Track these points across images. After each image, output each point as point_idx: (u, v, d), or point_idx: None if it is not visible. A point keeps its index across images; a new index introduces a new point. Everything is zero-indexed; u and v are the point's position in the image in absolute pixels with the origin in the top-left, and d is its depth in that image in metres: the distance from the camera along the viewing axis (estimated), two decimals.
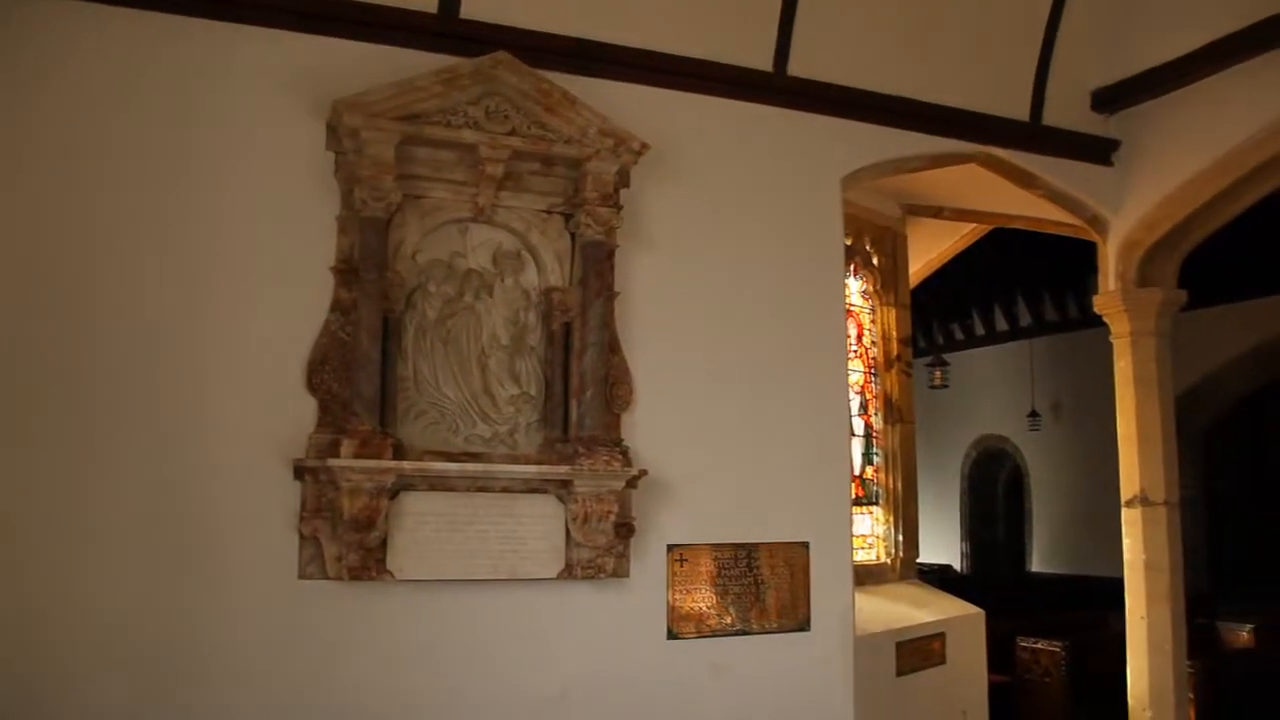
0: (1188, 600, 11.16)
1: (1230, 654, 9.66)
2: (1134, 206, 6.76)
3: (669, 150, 5.25)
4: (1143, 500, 6.85)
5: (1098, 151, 6.75)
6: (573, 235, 4.96)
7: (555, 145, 4.80)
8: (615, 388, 4.98)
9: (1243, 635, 10.04)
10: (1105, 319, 7.07)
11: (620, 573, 4.93)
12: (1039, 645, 9.15)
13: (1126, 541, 6.94)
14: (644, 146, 4.94)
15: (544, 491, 4.77)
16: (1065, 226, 7.31)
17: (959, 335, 19.32)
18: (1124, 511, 6.95)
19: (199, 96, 4.54)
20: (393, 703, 4.57)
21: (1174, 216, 6.61)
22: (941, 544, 19.79)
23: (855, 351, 7.40)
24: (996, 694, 8.78)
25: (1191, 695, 7.58)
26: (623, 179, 5.00)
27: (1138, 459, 6.88)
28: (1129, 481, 6.92)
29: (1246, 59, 6.07)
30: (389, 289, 4.59)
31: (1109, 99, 6.78)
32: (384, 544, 4.51)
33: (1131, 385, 6.91)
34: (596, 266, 4.88)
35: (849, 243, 7.21)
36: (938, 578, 13.85)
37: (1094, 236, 7.03)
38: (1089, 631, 9.40)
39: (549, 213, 4.96)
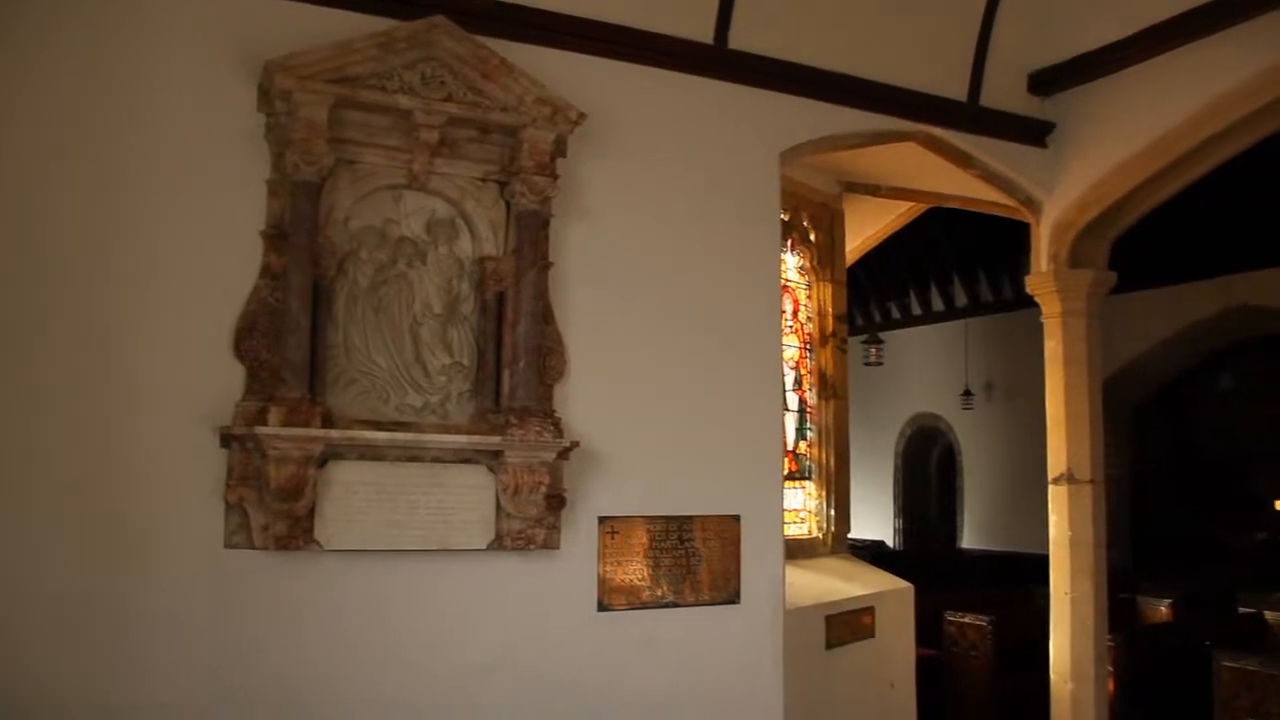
0: (1111, 576, 11.43)
1: (1149, 628, 9.90)
2: (1067, 189, 6.86)
3: (607, 121, 5.22)
4: (1069, 478, 6.98)
5: (1033, 133, 6.83)
6: (508, 204, 4.90)
7: (491, 112, 4.74)
8: (548, 358, 4.95)
9: (1161, 610, 10.30)
10: (1037, 299, 7.17)
11: (551, 544, 4.91)
12: (966, 619, 9.31)
13: (1052, 518, 7.07)
14: (581, 116, 4.90)
15: (475, 462, 4.74)
16: (1000, 207, 7.39)
17: (896, 314, 19.53)
18: (1050, 489, 7.07)
19: (126, 55, 4.40)
20: (319, 673, 4.52)
21: (1105, 199, 6.71)
22: (875, 520, 20.07)
23: (791, 327, 7.43)
24: (925, 667, 8.93)
25: (1111, 668, 7.76)
26: (559, 148, 4.95)
27: (1065, 437, 7.00)
28: (1056, 459, 7.04)
29: (1179, 45, 6.18)
30: (320, 255, 4.51)
31: (1045, 82, 6.86)
32: (312, 513, 4.45)
33: (1061, 365, 7.02)
34: (531, 236, 4.84)
35: (786, 218, 7.24)
36: (870, 553, 14.02)
37: (1027, 217, 7.13)
38: (1015, 606, 9.59)
39: (484, 181, 4.90)
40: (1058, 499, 7.04)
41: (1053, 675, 7.10)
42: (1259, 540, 17.81)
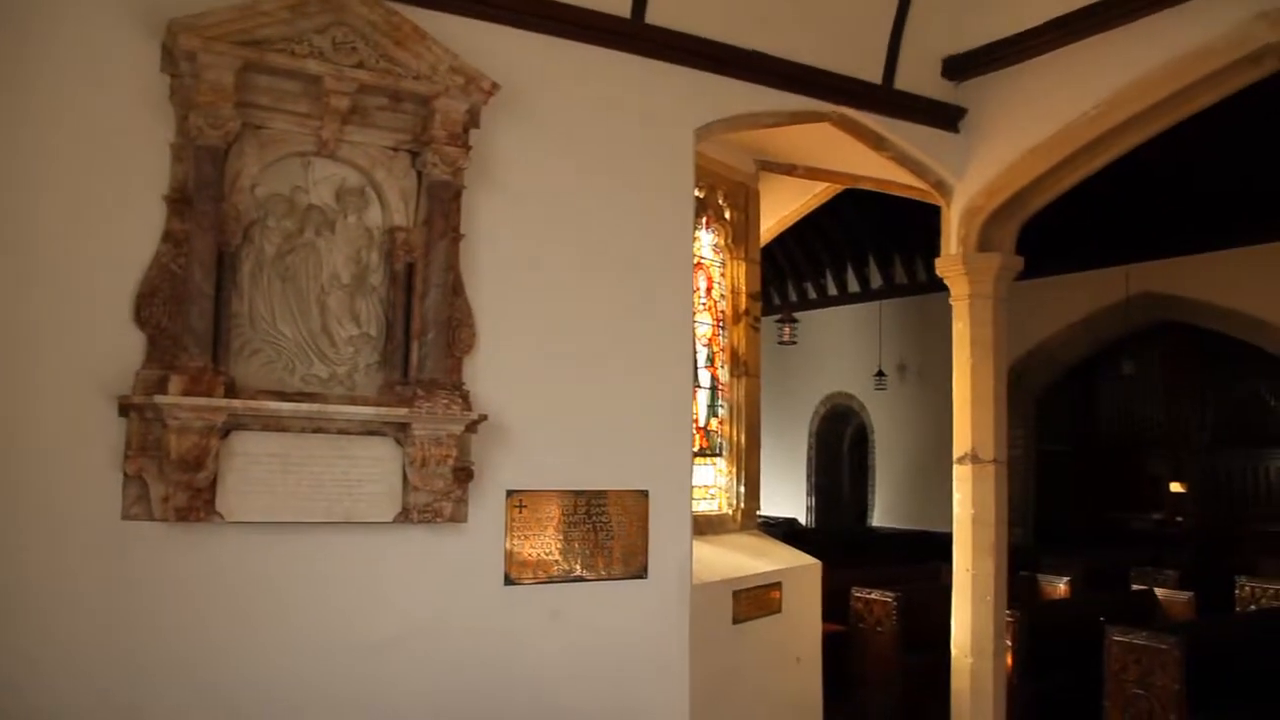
0: (1014, 554, 11.72)
1: (1047, 604, 10.18)
2: (977, 173, 6.98)
3: (522, 93, 5.19)
4: (973, 458, 7.13)
5: (945, 118, 6.93)
6: (419, 174, 4.84)
7: (404, 81, 4.68)
8: (457, 331, 4.91)
9: (1060, 587, 10.59)
10: (946, 281, 7.29)
11: (458, 518, 4.89)
12: (873, 596, 9.48)
13: (956, 497, 7.22)
14: (495, 86, 4.86)
15: (381, 434, 4.70)
16: (912, 189, 7.50)
17: (812, 294, 19.74)
18: (955, 468, 7.22)
19: (22, 11, 4.26)
20: (220, 646, 4.46)
21: (1013, 185, 6.85)
22: (789, 498, 20.31)
23: (704, 304, 7.47)
24: (832, 642, 9.08)
25: (1010, 643, 7.96)
26: (472, 119, 4.91)
27: (970, 418, 7.15)
28: (961, 439, 7.19)
29: (1086, 36, 6.31)
30: (225, 221, 4.42)
31: (958, 67, 6.96)
32: (214, 485, 4.38)
33: (968, 346, 7.16)
34: (442, 207, 4.80)
35: (701, 195, 7.26)
36: (783, 531, 14.19)
37: (938, 200, 7.24)
38: (921, 583, 9.78)
39: (395, 150, 4.84)
40: (962, 478, 7.19)
41: (954, 650, 7.27)
42: (1155, 520, 18.40)
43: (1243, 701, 7.42)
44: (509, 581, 5.10)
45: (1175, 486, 18.47)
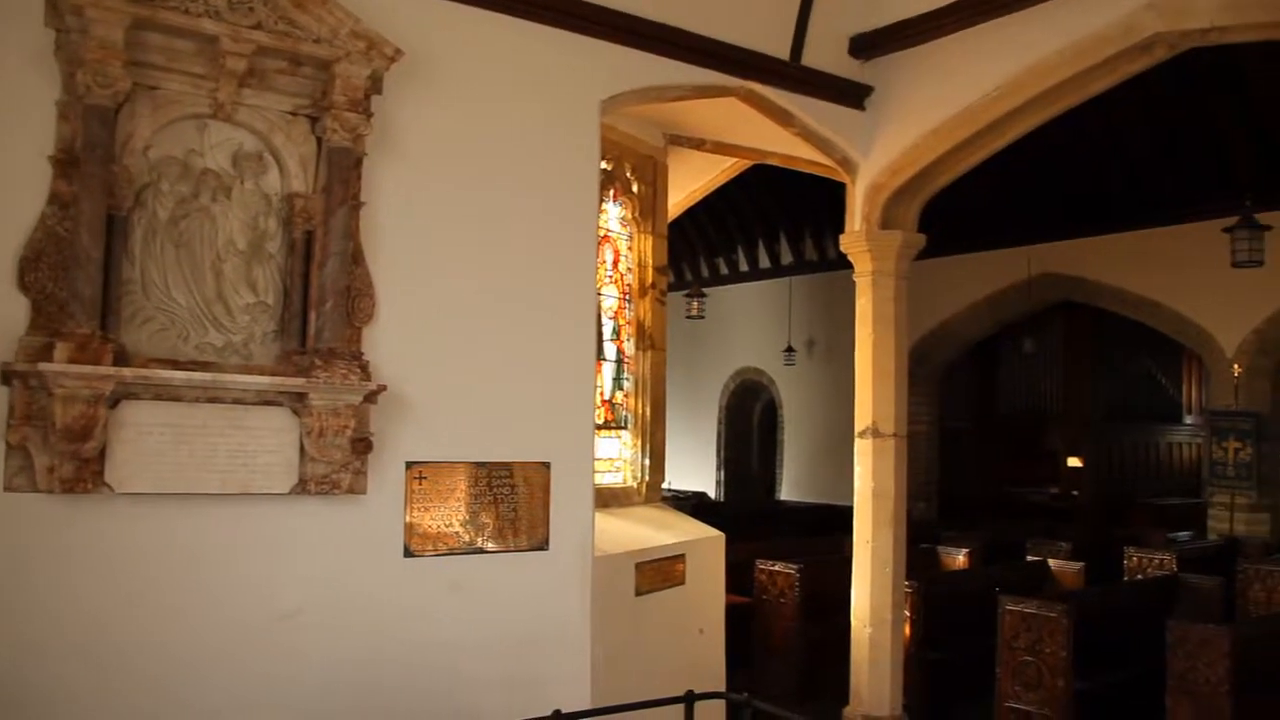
0: (916, 527, 11.97)
1: (945, 575, 10.43)
2: (881, 151, 7.07)
3: (426, 59, 5.11)
4: (874, 432, 7.25)
5: (852, 95, 7.01)
6: (319, 140, 4.75)
7: (303, 44, 4.58)
8: (357, 300, 4.84)
9: (959, 559, 10.85)
10: (850, 258, 7.40)
11: (357, 489, 4.84)
12: (776, 568, 9.61)
13: (857, 470, 7.34)
14: (398, 53, 4.78)
15: (278, 404, 4.62)
16: (819, 166, 7.57)
17: (724, 270, 19.87)
18: (856, 442, 7.34)
19: None
20: (110, 621, 4.35)
21: (917, 163, 6.95)
22: (699, 472, 20.48)
23: (611, 277, 7.47)
24: (737, 614, 9.20)
25: (908, 613, 8.15)
26: (374, 85, 4.82)
27: (871, 393, 7.27)
28: (863, 414, 7.31)
29: (990, 18, 6.42)
30: (115, 184, 4.29)
31: (865, 45, 7.04)
32: (102, 455, 4.26)
33: (870, 322, 7.27)
34: (342, 174, 4.72)
35: (609, 168, 7.24)
36: (692, 504, 14.32)
37: (844, 177, 7.32)
38: (824, 555, 9.94)
39: (294, 115, 4.73)
40: (863, 452, 7.32)
41: (853, 620, 7.42)
42: (1052, 494, 18.96)
43: (1124, 666, 7.70)
44: (409, 553, 5.06)
45: (1072, 461, 19.05)
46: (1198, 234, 12.42)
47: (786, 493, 19.23)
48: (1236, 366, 13.15)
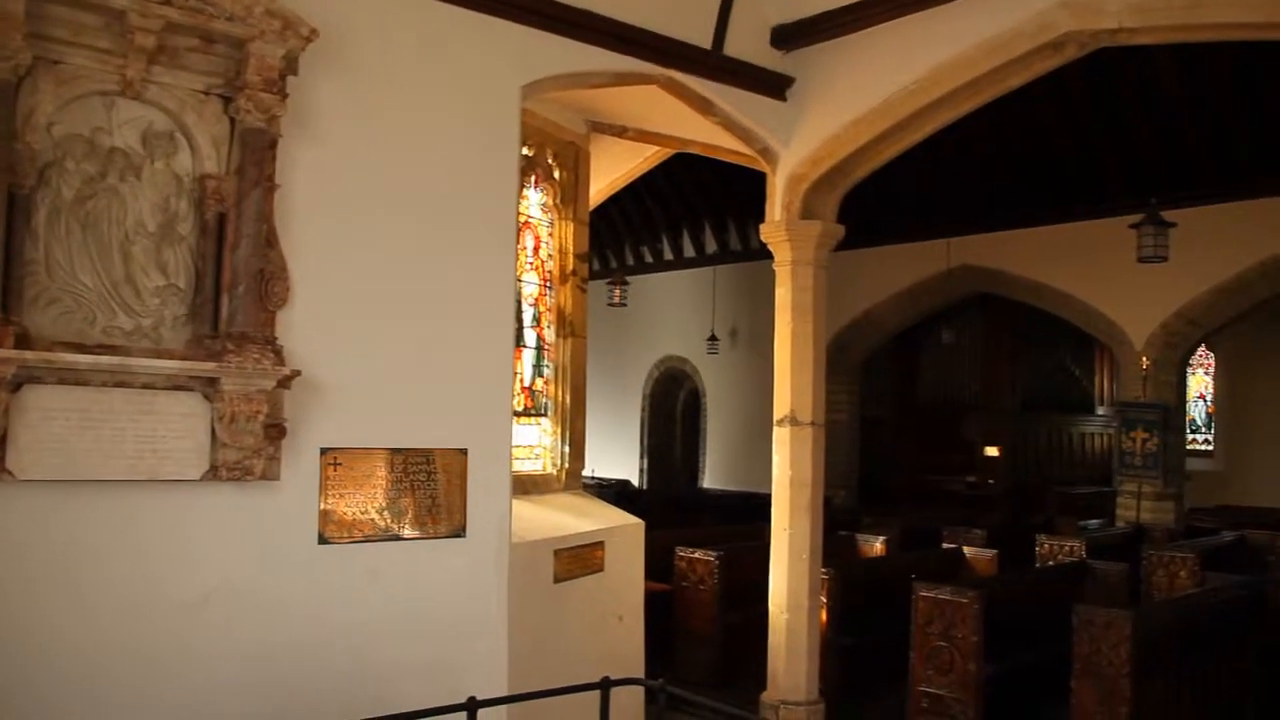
0: (836, 515, 12.12)
1: (861, 562, 10.58)
2: (802, 142, 7.14)
3: (343, 41, 5.04)
4: (792, 420, 7.33)
5: (773, 86, 7.06)
6: (232, 120, 4.66)
7: (216, 21, 4.47)
8: (271, 284, 4.75)
9: (877, 546, 11.01)
10: (770, 247, 7.46)
11: (270, 475, 4.76)
12: (696, 555, 9.68)
13: (775, 458, 7.42)
14: (314, 33, 4.70)
15: (189, 389, 4.53)
16: (740, 156, 7.62)
17: (649, 258, 19.90)
18: (775, 430, 7.41)
19: None
20: (12, 611, 4.24)
21: (837, 154, 7.03)
22: (623, 460, 20.52)
23: (531, 264, 7.44)
24: (658, 601, 9.25)
25: (824, 599, 8.25)
26: (290, 65, 4.73)
27: (790, 381, 7.35)
28: (781, 402, 7.39)
29: (911, 11, 6.51)
30: (17, 162, 4.15)
31: (787, 36, 7.09)
32: (4, 441, 4.13)
33: (789, 311, 7.34)
34: (256, 156, 4.63)
35: (530, 154, 7.21)
36: (615, 492, 14.35)
37: (765, 167, 7.38)
38: (744, 542, 10.02)
39: (207, 94, 4.63)
40: (781, 440, 7.39)
41: (771, 606, 7.50)
42: (969, 482, 19.32)
43: (1033, 650, 7.89)
44: (323, 540, 5.00)
45: (989, 450, 19.42)
46: (1109, 230, 12.72)
47: (709, 480, 19.36)
48: (1145, 359, 13.51)
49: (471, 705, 4.19)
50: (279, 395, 4.73)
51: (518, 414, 7.07)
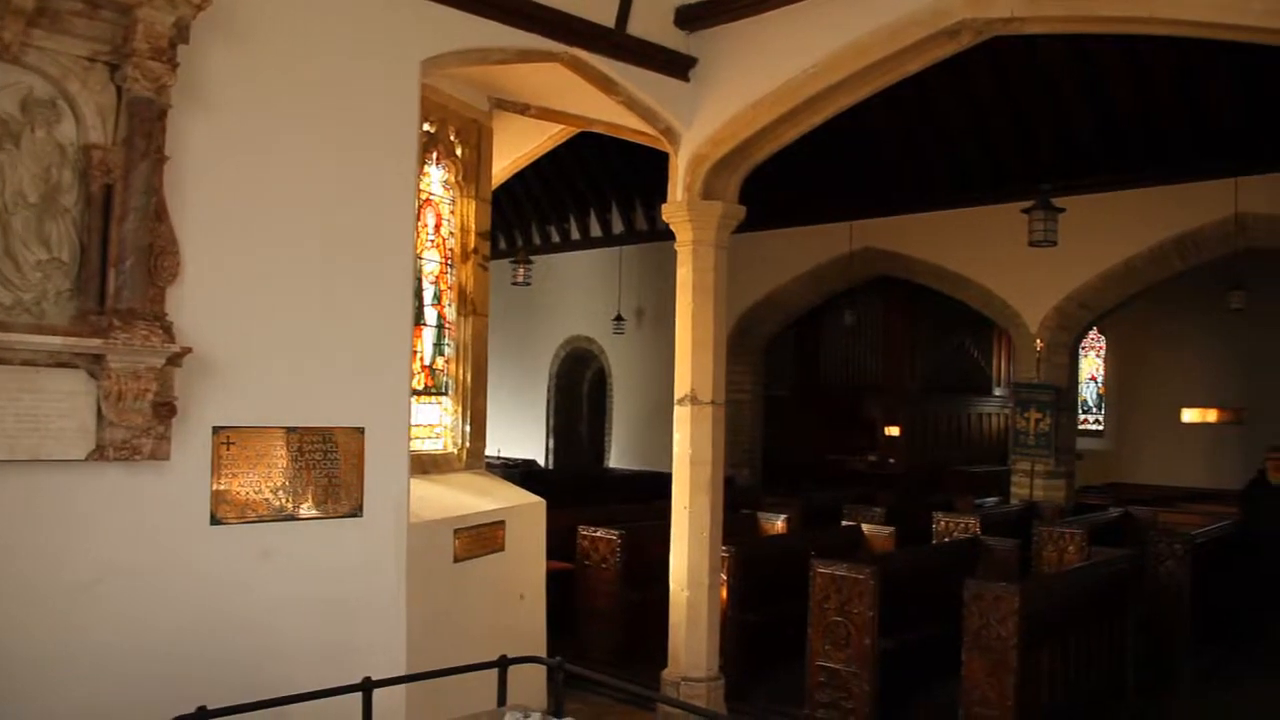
0: (739, 493, 12.24)
1: (762, 540, 10.72)
2: (703, 123, 7.18)
3: (236, 9, 4.91)
4: (693, 399, 7.39)
5: (676, 66, 7.08)
6: (119, 89, 4.51)
7: None
8: (160, 259, 4.62)
9: (778, 524, 11.15)
10: (672, 227, 7.50)
11: (159, 455, 4.65)
12: (598, 534, 9.71)
13: (676, 437, 7.48)
14: (206, 0, 4.58)
15: (73, 366, 4.39)
16: (643, 135, 7.63)
17: (556, 237, 19.84)
18: (675, 409, 7.47)
19: None
20: None
21: (737, 135, 7.09)
22: (530, 439, 20.49)
23: (433, 241, 7.36)
24: (561, 580, 9.27)
25: (725, 576, 8.35)
26: (181, 34, 4.59)
27: (690, 361, 7.41)
28: (682, 381, 7.45)
29: None
30: None
31: (690, 17, 7.13)
32: None
33: (690, 291, 7.40)
34: (145, 126, 4.49)
35: (432, 130, 7.13)
36: (521, 472, 14.31)
37: (667, 148, 7.40)
38: (647, 521, 10.08)
39: (92, 61, 4.47)
40: (681, 419, 7.46)
41: (672, 584, 7.58)
42: (871, 461, 19.67)
43: (928, 624, 8.09)
44: (215, 521, 4.91)
45: (890, 430, 19.77)
46: (1006, 215, 13.00)
47: (615, 460, 19.42)
48: (1039, 341, 13.89)
49: (367, 686, 4.15)
50: (169, 373, 4.62)
51: (418, 393, 7.01)
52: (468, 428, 7.56)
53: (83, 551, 4.55)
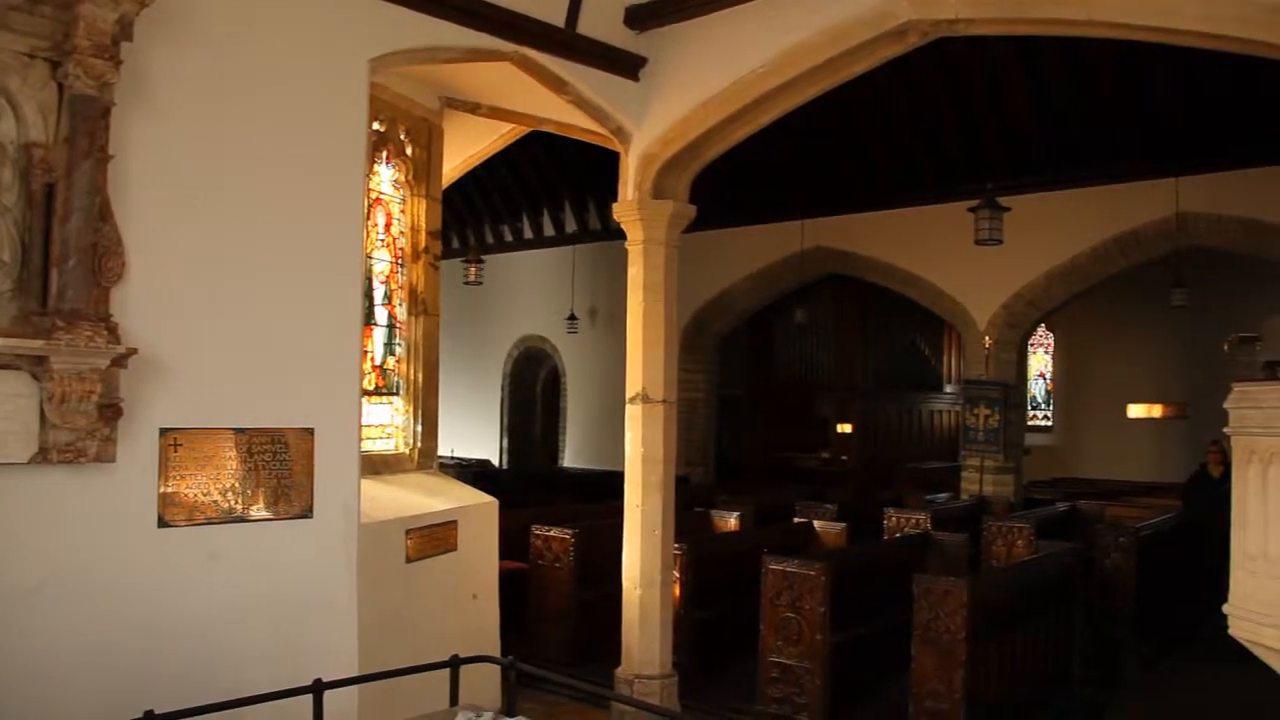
0: (692, 491, 12.28)
1: (715, 537, 10.76)
2: (653, 122, 7.21)
3: (182, 6, 4.86)
4: (644, 398, 7.42)
5: (626, 65, 7.10)
6: (60, 86, 4.45)
7: None
8: (104, 259, 4.55)
9: (731, 522, 11.21)
10: (623, 226, 7.52)
11: (105, 457, 4.59)
12: (551, 533, 9.71)
13: (628, 435, 7.50)
14: None
15: (15, 368, 4.33)
16: (594, 135, 7.64)
17: (509, 237, 19.80)
18: (627, 408, 7.49)
19: None
20: None
21: (687, 135, 7.13)
22: (484, 439, 20.42)
23: (383, 240, 7.32)
24: (514, 580, 9.26)
25: (678, 574, 8.39)
26: (124, 30, 4.54)
27: (642, 359, 7.43)
28: (633, 380, 7.47)
29: None
30: None
31: (640, 16, 7.15)
32: None
33: (641, 290, 7.43)
34: (88, 125, 4.43)
35: (382, 129, 7.10)
36: (474, 472, 14.28)
37: (618, 147, 7.42)
38: (600, 520, 10.10)
39: (32, 57, 4.39)
40: (633, 418, 7.48)
41: (625, 582, 7.59)
42: (823, 459, 19.79)
43: (878, 619, 8.18)
44: (163, 524, 4.85)
45: (842, 428, 19.89)
46: (954, 214, 13.14)
47: (569, 459, 19.42)
48: (987, 339, 14.07)
49: (318, 687, 4.14)
50: (114, 374, 4.56)
51: (368, 393, 6.98)
52: (419, 428, 7.53)
53: (26, 556, 4.49)
